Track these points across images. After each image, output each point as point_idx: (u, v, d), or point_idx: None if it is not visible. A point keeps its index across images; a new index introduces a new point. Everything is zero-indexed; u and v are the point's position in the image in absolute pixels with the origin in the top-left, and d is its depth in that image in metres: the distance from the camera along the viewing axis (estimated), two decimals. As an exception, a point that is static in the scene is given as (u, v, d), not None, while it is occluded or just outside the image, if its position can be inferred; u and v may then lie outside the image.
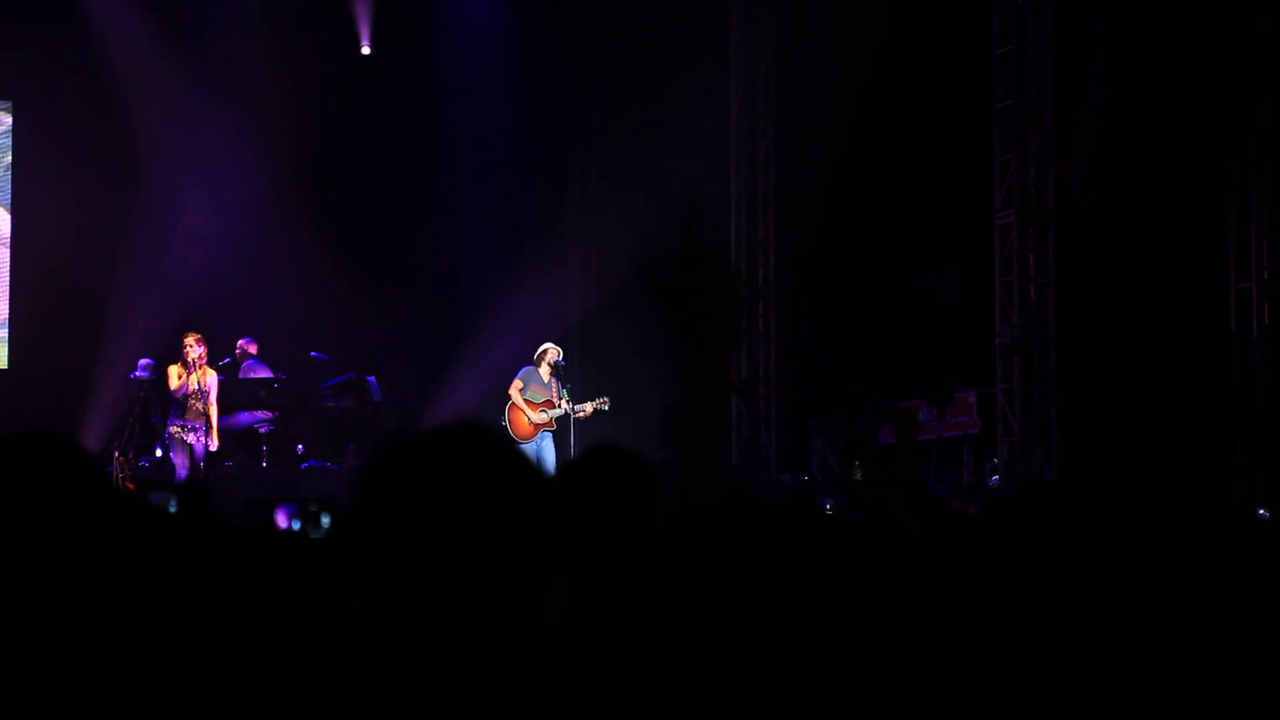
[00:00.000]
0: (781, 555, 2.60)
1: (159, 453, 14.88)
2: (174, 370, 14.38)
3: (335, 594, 2.50)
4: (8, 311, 17.29)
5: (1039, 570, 3.06)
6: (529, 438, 14.68)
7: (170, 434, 14.38)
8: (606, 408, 14.93)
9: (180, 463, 14.22)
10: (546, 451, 14.62)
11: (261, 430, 15.51)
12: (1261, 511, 9.18)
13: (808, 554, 2.67)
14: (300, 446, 15.79)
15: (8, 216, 17.42)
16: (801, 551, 2.68)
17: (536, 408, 14.78)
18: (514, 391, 14.85)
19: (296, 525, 4.55)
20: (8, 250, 17.38)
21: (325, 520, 4.58)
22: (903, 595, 1.66)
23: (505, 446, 1.97)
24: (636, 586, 2.84)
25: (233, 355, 15.78)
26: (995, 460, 14.00)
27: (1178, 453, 12.23)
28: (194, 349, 14.25)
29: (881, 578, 1.76)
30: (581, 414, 14.94)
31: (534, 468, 2.00)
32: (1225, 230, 12.98)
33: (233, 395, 15.09)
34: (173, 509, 4.66)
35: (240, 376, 15.62)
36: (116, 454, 14.44)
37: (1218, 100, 12.87)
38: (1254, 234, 12.78)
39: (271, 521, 4.65)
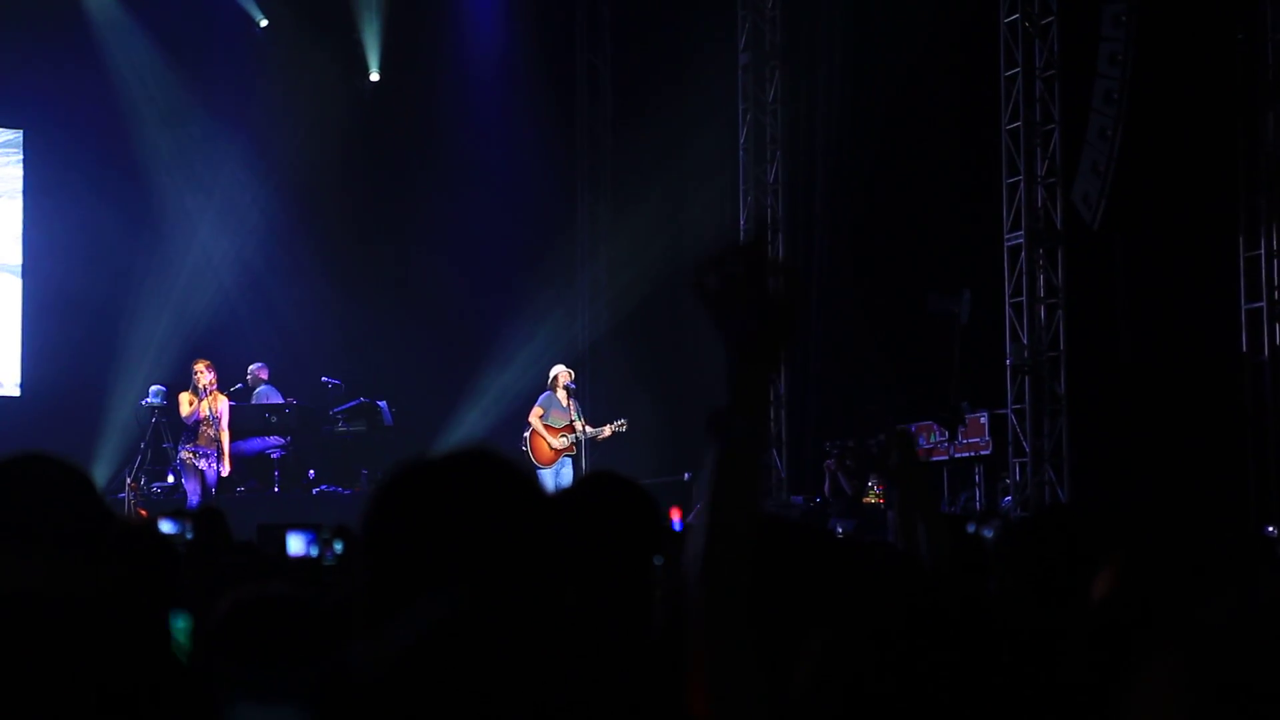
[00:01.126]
0: (790, 571, 2.60)
1: (171, 479, 14.90)
2: (185, 397, 14.41)
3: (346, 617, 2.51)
4: (20, 339, 17.33)
5: (1052, 596, 3.06)
6: (550, 463, 14.74)
7: (182, 460, 14.40)
8: (624, 429, 14.95)
9: (192, 489, 14.24)
10: (566, 477, 14.66)
11: (273, 455, 15.53)
12: (1270, 529, 9.16)
13: (817, 570, 2.66)
14: (311, 472, 15.80)
15: (20, 245, 17.46)
16: (810, 567, 2.67)
17: (557, 433, 14.83)
18: (534, 419, 14.91)
19: (314, 552, 4.55)
20: (20, 278, 17.43)
21: (338, 547, 4.57)
22: (926, 615, 1.66)
23: (514, 473, 1.97)
24: (636, 609, 2.84)
25: (244, 381, 15.81)
26: (1007, 481, 13.98)
27: (1188, 473, 12.20)
28: (204, 375, 14.29)
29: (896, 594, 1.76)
30: (599, 436, 14.98)
31: (543, 494, 2.00)
32: (1235, 250, 12.97)
33: (244, 421, 15.12)
34: (189, 536, 4.66)
35: (255, 403, 15.65)
36: (128, 480, 14.45)
37: (1226, 120, 12.87)
38: (1264, 254, 12.77)
39: (284, 547, 4.64)
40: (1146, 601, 2.59)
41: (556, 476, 14.61)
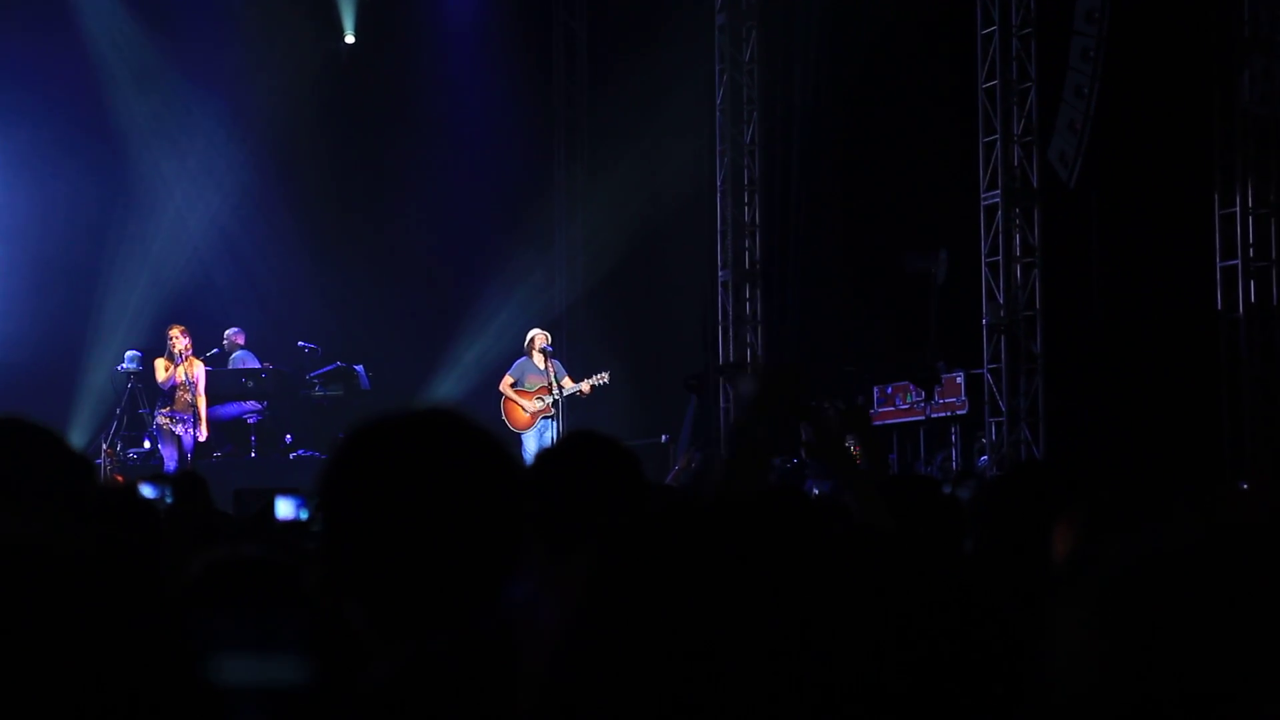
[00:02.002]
0: (762, 535, 2.60)
1: (147, 445, 14.87)
2: (160, 363, 14.38)
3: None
4: (-6, 305, 17.25)
5: (1026, 552, 3.07)
6: (528, 427, 14.68)
7: (158, 426, 14.37)
8: (606, 381, 14.81)
9: (169, 454, 14.22)
10: (548, 440, 14.58)
11: (250, 420, 15.49)
12: (1244, 485, 9.22)
13: (789, 534, 2.66)
14: (289, 436, 15.78)
15: (-8, 210, 17.36)
16: (783, 531, 2.67)
17: (532, 396, 14.75)
18: (503, 386, 14.86)
19: (304, 515, 4.55)
20: (-7, 244, 17.34)
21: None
22: (884, 580, 1.66)
23: (475, 433, 1.95)
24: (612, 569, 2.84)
25: (220, 346, 15.77)
26: (984, 441, 14.02)
27: (1164, 430, 12.25)
28: (179, 340, 14.26)
29: (862, 560, 1.76)
30: (581, 392, 14.84)
31: (506, 455, 1.99)
32: (1210, 207, 12.99)
33: (220, 386, 15.08)
34: (169, 500, 4.65)
35: (231, 368, 15.61)
36: (104, 446, 14.42)
37: (1202, 77, 12.87)
38: (1238, 211, 12.80)
39: (270, 512, 4.64)
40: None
41: (539, 439, 14.57)
